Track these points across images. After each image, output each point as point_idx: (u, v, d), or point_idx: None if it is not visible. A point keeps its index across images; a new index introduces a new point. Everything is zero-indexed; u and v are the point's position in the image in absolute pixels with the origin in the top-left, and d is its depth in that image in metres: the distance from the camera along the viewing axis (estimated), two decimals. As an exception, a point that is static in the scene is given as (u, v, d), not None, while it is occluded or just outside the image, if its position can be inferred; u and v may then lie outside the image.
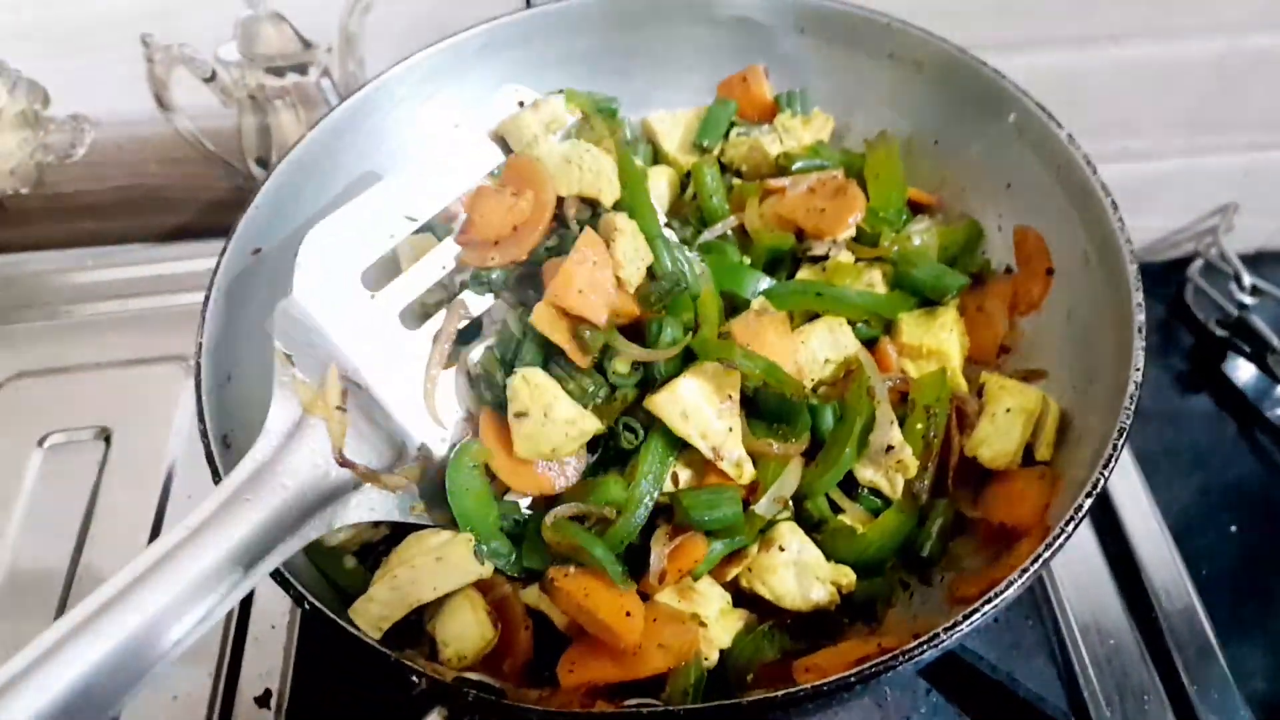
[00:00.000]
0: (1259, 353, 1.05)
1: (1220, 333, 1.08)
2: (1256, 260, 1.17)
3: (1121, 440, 0.54)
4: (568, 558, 0.60)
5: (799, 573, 0.60)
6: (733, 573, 0.60)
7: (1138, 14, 0.95)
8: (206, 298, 0.65)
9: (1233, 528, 0.95)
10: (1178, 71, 1.00)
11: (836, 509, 0.64)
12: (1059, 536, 0.51)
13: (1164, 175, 1.10)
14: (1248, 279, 1.05)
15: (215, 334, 0.65)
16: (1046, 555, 0.51)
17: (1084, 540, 0.79)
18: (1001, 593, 0.49)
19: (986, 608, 0.49)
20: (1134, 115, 1.04)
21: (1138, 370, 0.57)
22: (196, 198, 1.05)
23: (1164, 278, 1.15)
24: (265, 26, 0.93)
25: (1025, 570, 0.49)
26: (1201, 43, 0.98)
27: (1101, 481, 0.53)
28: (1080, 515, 0.52)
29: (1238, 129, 1.06)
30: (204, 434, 0.59)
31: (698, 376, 0.60)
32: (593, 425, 0.60)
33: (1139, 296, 0.59)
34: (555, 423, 0.59)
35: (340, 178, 0.77)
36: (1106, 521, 0.81)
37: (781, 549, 0.60)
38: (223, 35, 0.93)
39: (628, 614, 0.55)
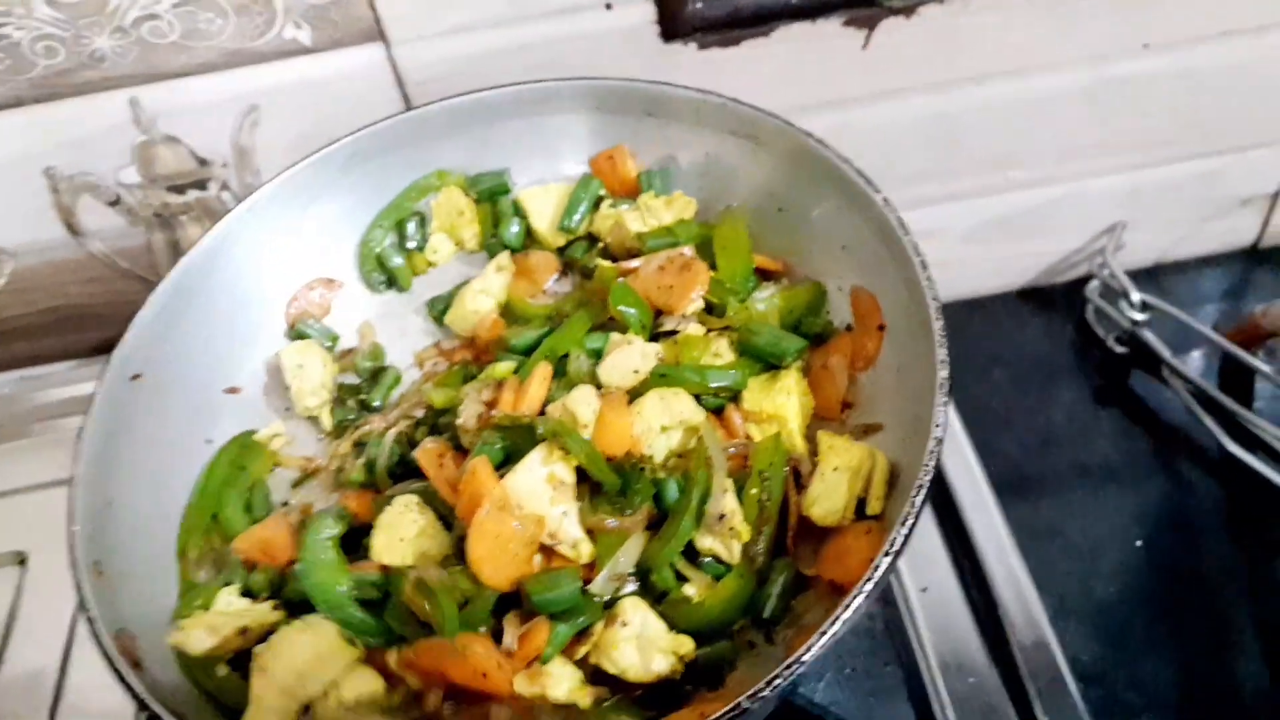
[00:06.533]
0: (1155, 367, 1.07)
1: (1120, 350, 1.11)
2: (1155, 273, 1.20)
3: (921, 497, 0.57)
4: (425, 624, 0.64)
5: (641, 646, 0.63)
6: (582, 651, 0.64)
7: (995, 55, 0.99)
8: (83, 426, 0.70)
9: (1138, 542, 0.97)
10: (1047, 104, 1.03)
11: (684, 578, 0.67)
12: (858, 595, 0.54)
13: (1052, 201, 1.13)
14: (1136, 296, 1.08)
15: (94, 461, 0.69)
16: (845, 616, 0.54)
17: (946, 580, 0.82)
18: (793, 665, 0.52)
19: (777, 681, 0.52)
20: (1011, 148, 1.07)
21: (939, 427, 0.60)
22: (119, 312, 1.09)
23: (1069, 298, 1.18)
24: (160, 149, 0.98)
25: (811, 646, 0.52)
26: (1064, 76, 1.02)
27: (900, 539, 0.56)
28: (879, 573, 0.55)
29: (1116, 152, 1.09)
30: (74, 563, 0.63)
31: (531, 466, 0.64)
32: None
33: (943, 353, 0.63)
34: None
35: (221, 298, 0.81)
36: (968, 561, 0.84)
37: (624, 624, 0.63)
38: (122, 160, 0.99)
39: (484, 676, 0.59)
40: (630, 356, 0.72)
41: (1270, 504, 0.96)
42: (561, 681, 0.62)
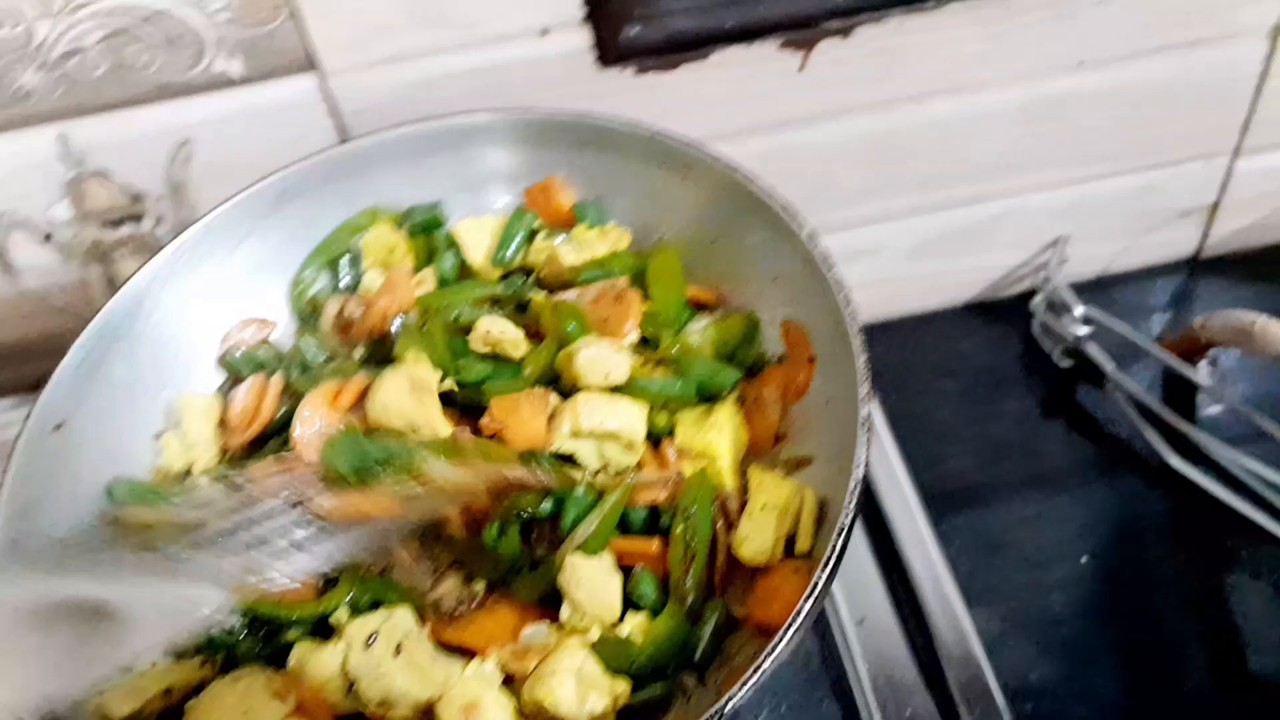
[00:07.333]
0: (1100, 380, 1.08)
1: (1066, 363, 1.12)
2: (1100, 284, 1.20)
3: (843, 540, 0.57)
4: None
5: (579, 681, 0.62)
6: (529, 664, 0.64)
7: (932, 74, 0.99)
8: (1, 480, 0.68)
9: (1083, 558, 0.98)
10: (985, 121, 1.04)
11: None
12: (779, 642, 0.54)
13: (994, 216, 1.13)
14: (1079, 310, 1.08)
15: (14, 515, 0.68)
16: (765, 666, 0.53)
17: (883, 610, 0.82)
18: (714, 715, 0.52)
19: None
20: (952, 165, 1.08)
21: (859, 467, 0.60)
22: (56, 347, 1.08)
23: (1015, 312, 1.19)
24: (91, 184, 0.96)
25: (732, 696, 0.52)
26: (1001, 94, 1.02)
27: (821, 582, 0.56)
28: (802, 617, 0.55)
29: (1055, 167, 1.10)
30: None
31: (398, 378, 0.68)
32: None
33: (865, 388, 0.62)
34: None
35: (149, 342, 0.80)
36: (904, 591, 0.84)
37: (566, 659, 0.63)
38: (53, 197, 0.97)
39: None
40: (612, 357, 0.72)
41: (1214, 516, 0.96)
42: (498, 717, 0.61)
